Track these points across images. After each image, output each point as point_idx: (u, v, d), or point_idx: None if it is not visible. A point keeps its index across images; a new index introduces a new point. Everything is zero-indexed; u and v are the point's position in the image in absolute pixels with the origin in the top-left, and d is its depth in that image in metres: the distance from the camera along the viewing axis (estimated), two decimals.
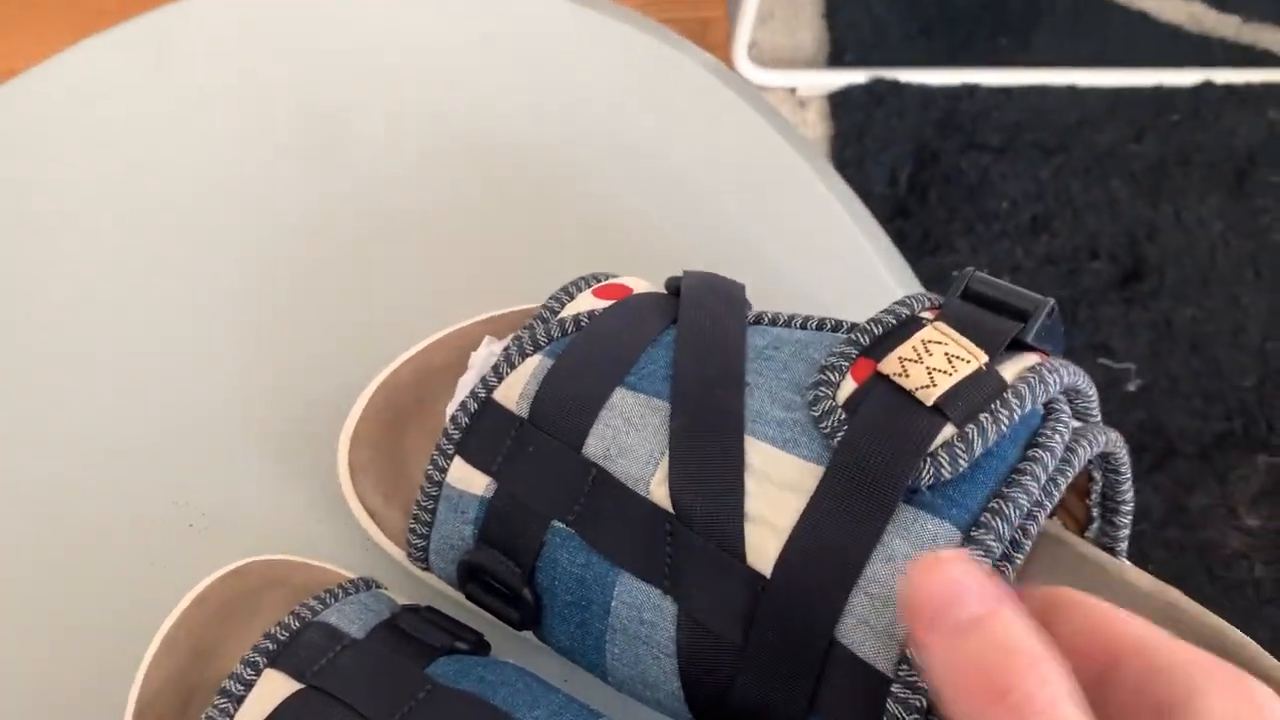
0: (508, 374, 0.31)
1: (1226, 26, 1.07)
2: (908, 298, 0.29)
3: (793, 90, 1.04)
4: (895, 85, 1.03)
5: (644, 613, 0.28)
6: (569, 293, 0.34)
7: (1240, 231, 0.98)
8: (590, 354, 0.31)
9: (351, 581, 0.32)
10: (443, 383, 0.34)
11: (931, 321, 0.28)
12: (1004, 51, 1.07)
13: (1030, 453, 0.26)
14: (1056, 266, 0.97)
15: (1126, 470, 0.29)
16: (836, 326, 0.31)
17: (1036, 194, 1.00)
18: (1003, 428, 0.26)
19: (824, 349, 0.29)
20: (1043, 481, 0.26)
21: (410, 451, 0.33)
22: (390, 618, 0.31)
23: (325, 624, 0.30)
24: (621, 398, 0.30)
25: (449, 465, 0.31)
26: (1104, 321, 0.95)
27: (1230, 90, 1.03)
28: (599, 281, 0.34)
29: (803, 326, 0.31)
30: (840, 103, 1.03)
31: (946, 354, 0.27)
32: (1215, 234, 0.98)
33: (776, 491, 0.27)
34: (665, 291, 0.34)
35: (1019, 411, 0.26)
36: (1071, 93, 1.03)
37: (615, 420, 0.29)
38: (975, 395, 0.26)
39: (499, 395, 0.31)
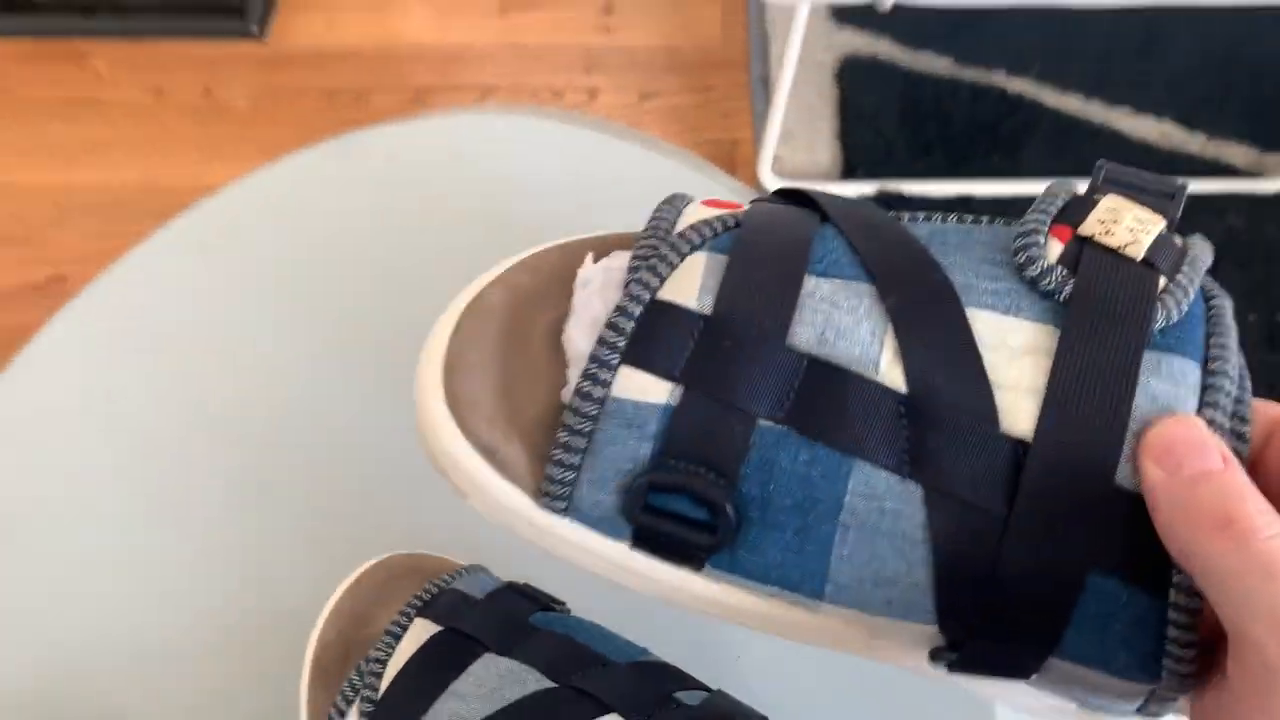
0: (667, 273, 0.28)
1: (1193, 143, 1.15)
2: (1059, 182, 0.29)
3: None
4: (900, 196, 1.11)
5: (886, 501, 0.26)
6: (674, 205, 0.30)
7: None
8: (765, 245, 0.28)
9: (467, 567, 0.39)
10: (537, 306, 0.30)
11: (1103, 195, 0.28)
12: (996, 166, 1.14)
13: (1213, 302, 0.27)
14: None
15: None
16: (978, 219, 0.29)
17: None
18: (1199, 278, 0.26)
19: (993, 231, 0.28)
20: (1231, 322, 0.27)
21: (519, 381, 0.29)
22: (501, 587, 0.37)
23: (456, 589, 0.36)
24: (816, 285, 0.27)
25: (612, 377, 0.27)
26: None
27: (1195, 198, 1.07)
28: (690, 201, 0.31)
29: (944, 220, 0.29)
30: None
31: (1135, 217, 0.27)
32: None
33: (1016, 357, 0.25)
34: None
35: (1206, 265, 0.27)
36: None
37: (820, 305, 0.27)
38: (1170, 251, 0.26)
39: (666, 295, 0.27)
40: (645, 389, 0.27)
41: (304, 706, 0.38)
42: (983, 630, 0.26)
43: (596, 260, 0.30)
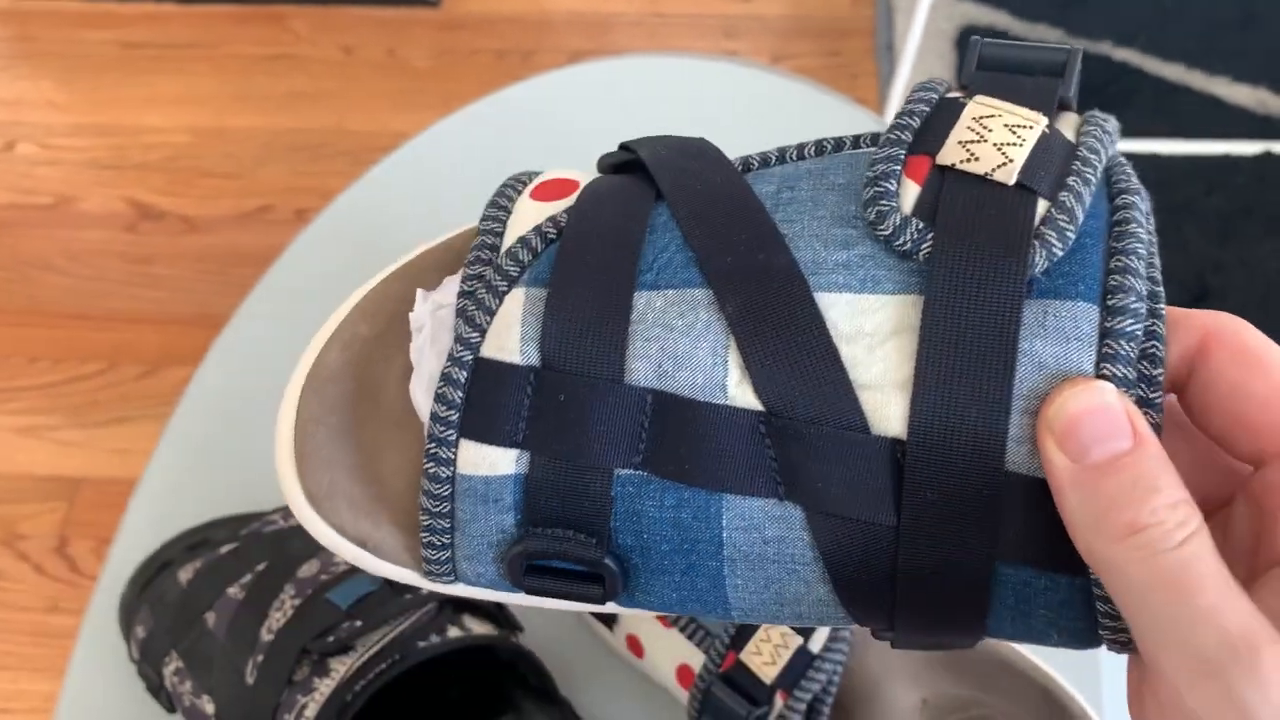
0: (488, 323, 0.25)
1: None
2: (923, 85, 0.25)
3: None
4: None
5: (766, 530, 0.24)
6: (503, 206, 0.28)
7: None
8: (586, 265, 0.25)
9: None
10: (381, 358, 0.28)
11: (970, 98, 0.24)
12: None
13: (1119, 200, 0.23)
14: None
15: None
16: (839, 145, 0.26)
17: None
18: (1092, 187, 0.23)
19: (849, 167, 0.25)
20: (1147, 223, 0.23)
21: (376, 453, 0.27)
22: None
23: None
24: (648, 302, 0.24)
25: (455, 454, 0.25)
26: None
27: None
28: (527, 183, 0.28)
29: (801, 156, 0.26)
30: None
31: (1006, 125, 0.23)
32: (1271, 270, 1.12)
33: (877, 345, 0.23)
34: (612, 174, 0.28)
35: (1100, 167, 0.23)
36: (1155, 159, 1.19)
37: (653, 331, 0.24)
38: (1052, 161, 0.23)
39: (489, 351, 0.25)
40: (492, 462, 0.25)
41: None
42: (904, 622, 0.24)
43: (429, 291, 0.28)
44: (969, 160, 0.23)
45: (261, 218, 1.27)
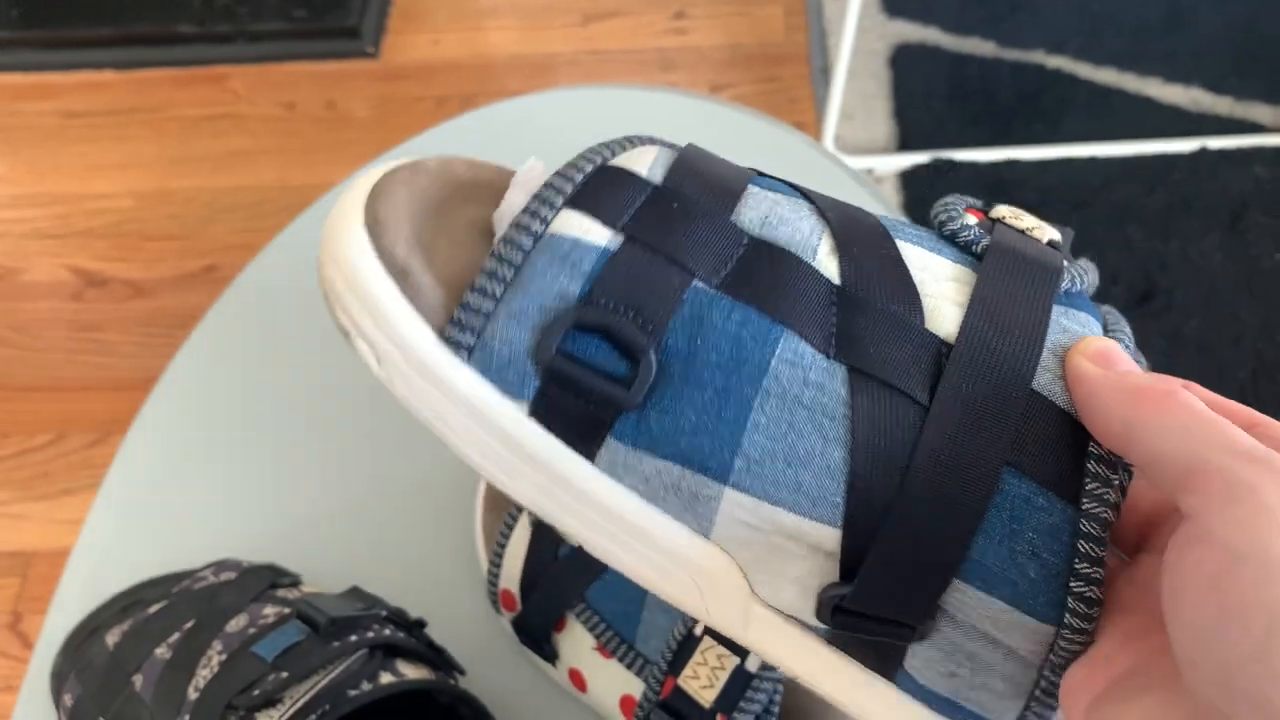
0: (620, 151, 0.28)
1: (1220, 106, 1.24)
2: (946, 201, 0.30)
3: (870, 170, 1.20)
4: (952, 163, 1.20)
5: (810, 373, 0.25)
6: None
7: (1236, 260, 1.13)
8: (712, 158, 0.29)
9: None
10: (468, 196, 0.29)
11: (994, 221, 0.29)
12: (1039, 134, 1.23)
13: (1111, 330, 0.28)
14: None
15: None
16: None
17: None
18: (1094, 276, 0.28)
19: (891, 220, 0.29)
20: (1103, 311, 0.28)
21: (442, 240, 0.28)
22: None
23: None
24: (760, 192, 0.28)
25: (552, 216, 0.26)
26: None
27: (1223, 153, 1.19)
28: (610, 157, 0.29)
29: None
30: (908, 178, 1.19)
31: (1034, 221, 0.29)
32: (1215, 264, 1.12)
33: (942, 279, 0.27)
34: None
35: (1095, 278, 0.28)
36: (1093, 162, 1.20)
37: (763, 200, 0.28)
38: (1062, 247, 0.29)
39: (618, 163, 0.28)
40: (588, 229, 0.26)
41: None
42: (889, 536, 0.25)
43: (522, 178, 0.29)
44: (1014, 219, 0.29)
45: (207, 278, 1.26)
